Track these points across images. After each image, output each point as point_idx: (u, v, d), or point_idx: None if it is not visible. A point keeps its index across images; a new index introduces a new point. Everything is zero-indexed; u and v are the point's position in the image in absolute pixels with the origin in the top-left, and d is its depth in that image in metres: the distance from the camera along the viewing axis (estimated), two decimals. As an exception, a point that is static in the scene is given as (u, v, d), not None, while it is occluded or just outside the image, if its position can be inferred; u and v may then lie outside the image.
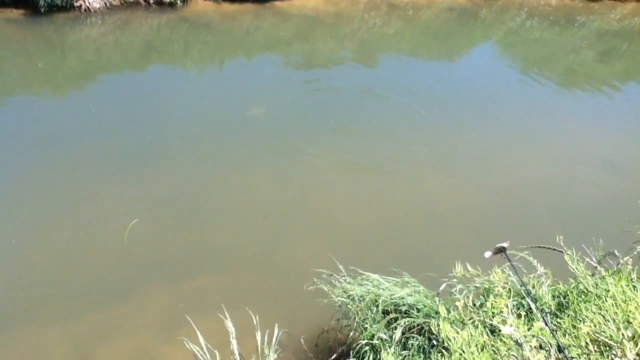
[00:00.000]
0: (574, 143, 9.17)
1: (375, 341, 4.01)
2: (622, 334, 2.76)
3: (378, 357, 3.88)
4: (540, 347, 2.84)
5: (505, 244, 3.31)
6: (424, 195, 7.54)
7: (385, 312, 4.52)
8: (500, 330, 2.98)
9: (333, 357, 4.71)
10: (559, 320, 3.12)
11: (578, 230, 6.47)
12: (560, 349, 2.73)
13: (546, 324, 2.87)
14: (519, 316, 3.18)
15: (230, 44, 11.67)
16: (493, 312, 3.09)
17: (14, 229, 6.23)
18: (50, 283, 5.73)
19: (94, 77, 9.96)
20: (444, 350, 3.27)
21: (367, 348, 4.10)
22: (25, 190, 6.77)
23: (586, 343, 2.79)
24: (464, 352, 2.93)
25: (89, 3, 11.28)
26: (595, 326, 2.80)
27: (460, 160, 8.37)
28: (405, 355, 3.74)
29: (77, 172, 7.16)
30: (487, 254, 3.39)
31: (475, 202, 7.50)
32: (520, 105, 10.34)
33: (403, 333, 4.05)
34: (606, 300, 2.99)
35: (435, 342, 3.66)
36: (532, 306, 3.25)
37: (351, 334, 4.66)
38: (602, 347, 2.73)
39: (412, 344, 3.83)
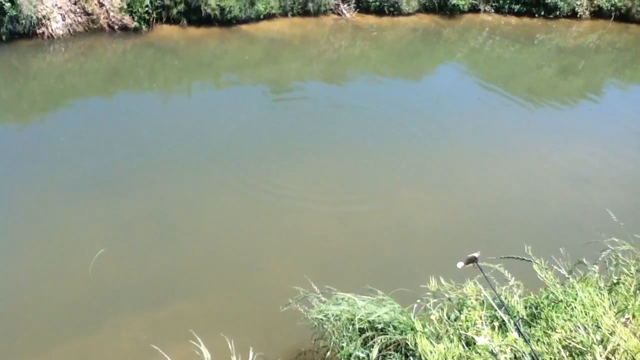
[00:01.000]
0: (540, 157, 9.40)
1: (352, 360, 3.99)
2: (592, 339, 2.81)
3: (356, 376, 3.86)
4: (515, 356, 2.88)
5: (476, 254, 3.36)
6: (395, 212, 7.61)
7: (362, 331, 4.51)
8: (475, 342, 3.01)
9: (310, 378, 4.67)
10: (531, 329, 3.17)
11: (548, 242, 6.60)
12: (534, 357, 2.76)
13: (520, 333, 2.91)
14: (493, 327, 3.21)
15: (196, 68, 11.67)
16: (468, 324, 3.12)
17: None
18: (13, 315, 5.55)
19: (59, 104, 9.82)
20: (420, 365, 3.27)
21: (344, 367, 4.08)
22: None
23: (558, 349, 2.84)
24: (440, 365, 2.94)
25: (52, 30, 11.16)
26: (566, 332, 2.86)
27: (429, 176, 8.50)
28: (383, 373, 3.73)
29: (41, 201, 7.01)
30: (460, 264, 3.43)
31: (445, 218, 7.59)
32: (487, 122, 10.58)
33: (380, 351, 4.05)
34: (575, 307, 3.05)
35: (412, 358, 3.66)
36: (504, 317, 3.29)
37: (328, 353, 4.62)
38: (573, 352, 2.78)
39: (389, 361, 3.82)
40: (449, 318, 3.69)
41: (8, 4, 10.20)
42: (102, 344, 5.42)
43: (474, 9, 16.31)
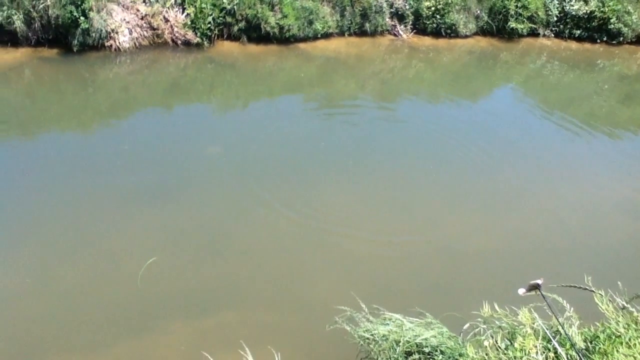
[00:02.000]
0: (599, 186, 9.11)
1: (398, 382, 3.96)
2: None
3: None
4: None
5: (539, 281, 3.27)
6: (446, 235, 7.52)
7: (408, 353, 4.47)
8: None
9: (355, 398, 4.65)
10: (588, 362, 3.07)
11: (605, 273, 6.37)
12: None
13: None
14: (547, 358, 3.13)
15: (253, 84, 11.94)
16: (521, 354, 3.05)
17: (37, 261, 6.34)
18: (71, 316, 5.77)
19: (121, 114, 10.23)
20: (470, 392, 3.21)
21: (390, 389, 4.04)
22: (46, 223, 6.89)
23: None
24: (491, 393, 2.88)
25: (119, 43, 11.68)
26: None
27: (483, 201, 8.36)
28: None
29: (99, 207, 7.27)
30: (521, 290, 3.35)
31: (498, 244, 7.45)
32: (542, 148, 10.34)
33: (426, 374, 4.00)
34: (638, 344, 2.94)
35: (460, 384, 3.60)
36: (559, 348, 3.20)
37: (373, 374, 4.60)
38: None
39: (436, 386, 3.77)
40: (498, 346, 3.61)
41: (82, 18, 10.77)
42: (151, 348, 5.56)
43: (533, 33, 16.05)
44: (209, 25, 12.20)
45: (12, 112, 9.58)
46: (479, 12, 15.41)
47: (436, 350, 4.42)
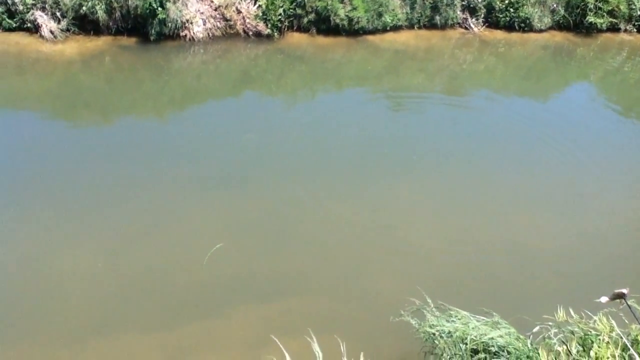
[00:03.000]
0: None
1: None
2: None
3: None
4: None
5: (624, 290, 3.17)
6: (517, 235, 7.37)
7: (474, 352, 4.46)
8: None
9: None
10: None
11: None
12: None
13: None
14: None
15: (321, 75, 12.03)
16: (598, 360, 2.99)
17: (109, 242, 6.68)
18: (141, 297, 6.05)
19: (194, 102, 10.59)
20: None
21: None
22: (119, 206, 7.22)
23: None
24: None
25: (194, 33, 12.05)
26: None
27: (556, 201, 8.14)
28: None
29: (171, 192, 7.56)
30: (604, 299, 3.26)
31: (571, 247, 7.25)
32: (619, 149, 9.90)
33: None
34: None
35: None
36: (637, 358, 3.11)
37: (438, 370, 4.61)
38: None
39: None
40: (569, 352, 3.54)
41: (160, 9, 11.19)
42: (217, 330, 5.78)
43: (613, 28, 15.26)
44: (280, 16, 12.38)
45: (94, 98, 10.11)
46: (555, 5, 14.81)
47: (503, 351, 4.39)
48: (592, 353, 3.06)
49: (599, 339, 3.26)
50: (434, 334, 4.68)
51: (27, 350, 5.39)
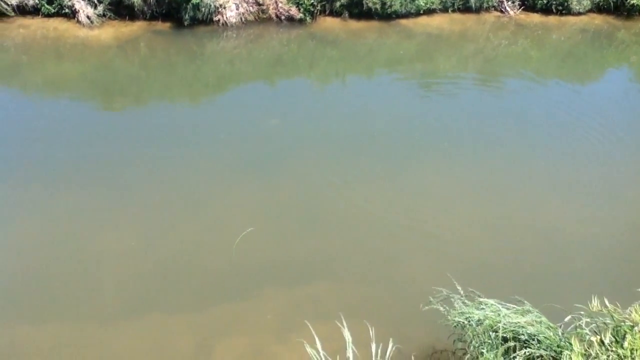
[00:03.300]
0: None
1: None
2: None
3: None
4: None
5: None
6: (550, 224, 7.26)
7: (504, 339, 4.44)
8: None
9: (446, 378, 4.69)
10: None
11: None
12: None
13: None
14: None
15: (353, 60, 11.96)
16: (633, 354, 2.95)
17: (142, 224, 6.82)
18: (172, 277, 6.18)
19: (227, 87, 10.68)
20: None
21: (484, 373, 4.05)
22: (152, 189, 7.38)
23: None
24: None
25: (227, 18, 12.11)
26: None
27: (593, 187, 7.98)
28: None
29: (204, 176, 7.67)
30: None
31: (607, 236, 7.09)
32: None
33: (523, 363, 3.96)
34: None
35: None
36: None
37: (467, 357, 4.61)
38: None
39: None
40: (602, 342, 3.50)
41: (193, -6, 11.31)
42: (247, 313, 5.86)
43: (658, 10, 14.73)
44: (312, 1, 12.33)
45: (129, 82, 10.30)
46: (595, -13, 14.37)
47: (533, 339, 4.36)
48: (625, 344, 3.02)
49: (635, 330, 3.21)
50: (463, 322, 4.67)
51: (59, 327, 5.56)
